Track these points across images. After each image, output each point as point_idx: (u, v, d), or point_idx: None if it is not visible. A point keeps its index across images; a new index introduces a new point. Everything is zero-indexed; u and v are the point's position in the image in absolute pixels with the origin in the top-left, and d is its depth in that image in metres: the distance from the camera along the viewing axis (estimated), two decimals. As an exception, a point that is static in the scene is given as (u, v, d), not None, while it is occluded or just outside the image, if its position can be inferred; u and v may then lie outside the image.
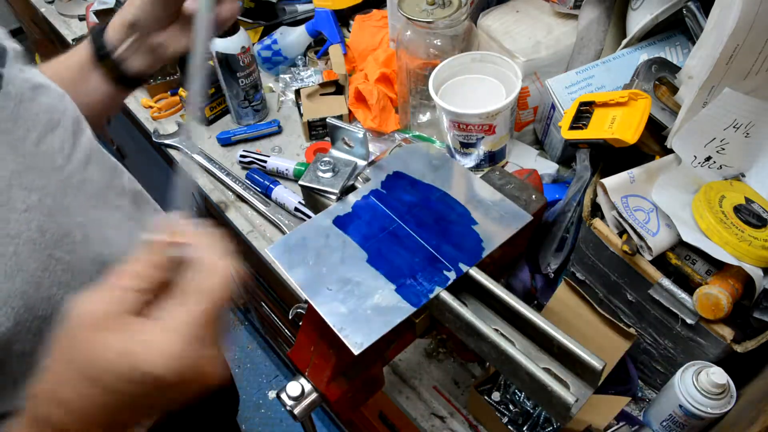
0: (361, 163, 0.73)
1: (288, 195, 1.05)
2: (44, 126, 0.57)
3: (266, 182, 1.08)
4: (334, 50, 1.23)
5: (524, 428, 0.75)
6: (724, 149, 0.70)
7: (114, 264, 0.50)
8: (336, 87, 1.20)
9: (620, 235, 0.70)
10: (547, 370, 0.54)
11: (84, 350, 0.37)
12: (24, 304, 0.50)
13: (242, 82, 1.14)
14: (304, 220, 0.97)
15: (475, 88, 0.98)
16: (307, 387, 0.63)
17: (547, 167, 1.00)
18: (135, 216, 0.69)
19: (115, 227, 0.64)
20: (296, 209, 1.04)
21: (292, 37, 1.28)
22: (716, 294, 0.61)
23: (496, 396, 0.77)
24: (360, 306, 0.57)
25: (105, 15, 1.34)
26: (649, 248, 0.66)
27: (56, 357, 0.38)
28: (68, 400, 0.37)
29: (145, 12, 0.69)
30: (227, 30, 1.08)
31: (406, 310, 0.57)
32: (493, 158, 0.99)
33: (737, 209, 0.66)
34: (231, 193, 1.12)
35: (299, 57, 1.31)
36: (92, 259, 0.59)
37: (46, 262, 0.53)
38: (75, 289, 0.56)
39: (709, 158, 0.71)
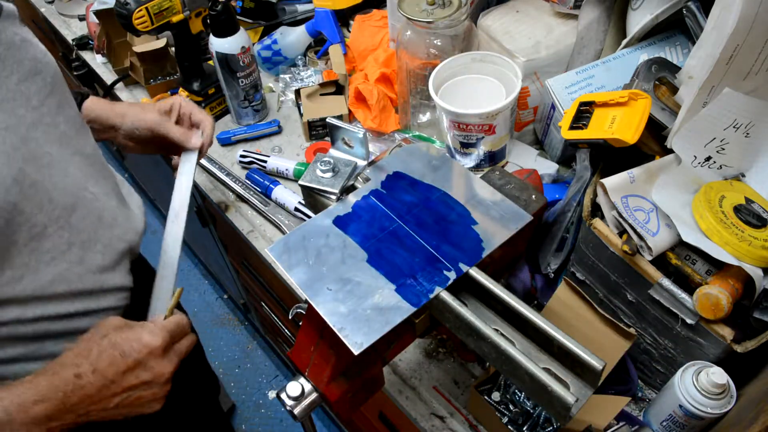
0: (361, 163, 0.73)
1: (288, 195, 1.05)
2: (27, 72, 0.65)
3: (266, 182, 1.08)
4: (334, 50, 1.23)
5: (524, 428, 0.75)
6: (724, 149, 0.70)
7: (71, 198, 0.68)
8: (336, 87, 1.20)
9: (620, 235, 0.70)
10: (547, 370, 0.54)
11: (103, 341, 0.63)
12: None
13: (242, 82, 1.14)
14: (304, 220, 0.97)
15: (475, 88, 0.98)
16: (307, 387, 0.63)
17: (547, 167, 1.00)
18: (88, 172, 0.74)
19: (76, 168, 0.71)
20: (296, 209, 1.04)
21: (292, 37, 1.28)
22: (716, 294, 0.61)
23: (496, 396, 0.77)
24: (360, 306, 0.57)
25: (105, 15, 1.34)
26: (649, 248, 0.66)
27: (88, 335, 0.64)
28: (93, 356, 0.61)
29: (128, 133, 0.89)
30: (227, 30, 1.08)
31: (406, 310, 0.57)
32: (493, 158, 0.99)
33: (737, 209, 0.66)
34: (231, 193, 1.12)
35: (299, 57, 1.31)
36: (54, 184, 0.66)
37: (17, 174, 0.60)
38: (36, 205, 0.63)
39: (709, 158, 0.71)
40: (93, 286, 0.72)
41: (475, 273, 0.60)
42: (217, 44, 1.09)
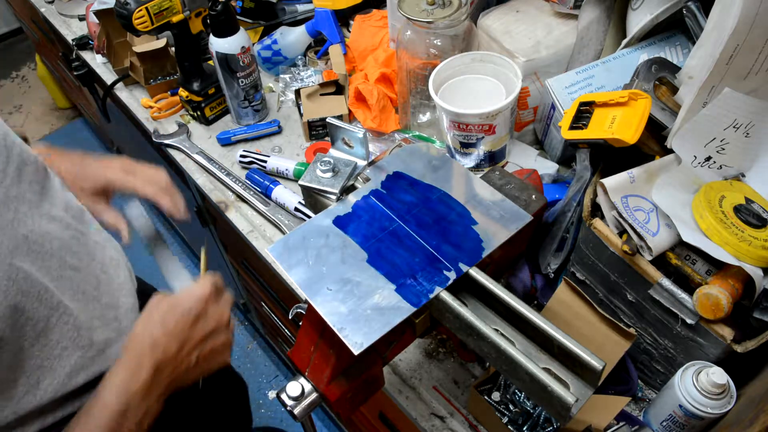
0: (361, 163, 0.73)
1: (288, 195, 1.05)
2: None
3: (266, 182, 1.08)
4: (334, 50, 1.23)
5: (524, 428, 0.75)
6: (724, 149, 0.70)
7: (60, 279, 0.62)
8: (336, 87, 1.20)
9: (620, 235, 0.70)
10: (547, 370, 0.54)
11: (160, 308, 0.65)
12: None
13: (242, 82, 1.14)
14: (304, 220, 0.97)
15: (475, 88, 0.98)
16: (307, 387, 0.63)
17: (547, 167, 1.00)
18: (72, 224, 0.69)
19: (55, 239, 0.64)
20: (296, 209, 1.04)
21: (292, 37, 1.28)
22: (716, 294, 0.61)
23: (496, 396, 0.77)
24: (360, 306, 0.57)
25: (105, 15, 1.34)
26: (649, 248, 0.66)
27: (145, 312, 0.66)
28: (158, 323, 0.64)
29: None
30: (227, 30, 1.08)
31: (406, 310, 0.57)
32: (493, 158, 0.99)
33: (737, 209, 0.66)
34: (231, 193, 1.12)
35: (299, 57, 1.31)
36: (43, 266, 0.60)
37: (9, 271, 0.55)
38: (35, 299, 0.58)
39: (709, 158, 0.71)
40: (110, 363, 0.66)
41: (475, 273, 0.60)
42: (217, 44, 1.09)
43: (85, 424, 0.59)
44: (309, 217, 1.00)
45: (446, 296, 0.58)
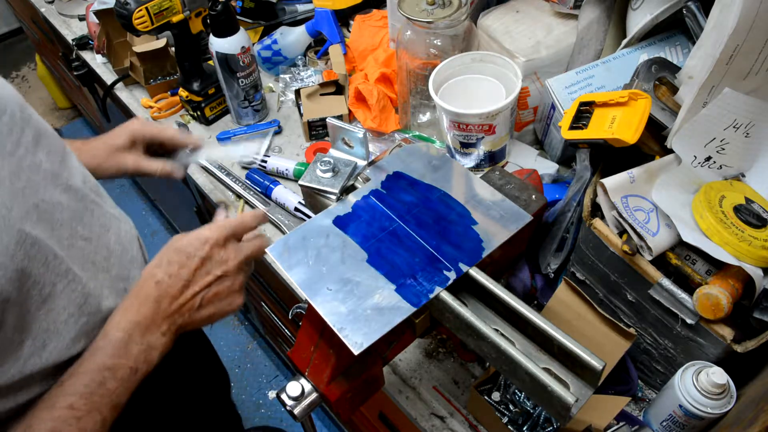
0: (361, 163, 0.73)
1: (288, 195, 1.05)
2: None
3: (266, 182, 1.08)
4: (334, 50, 1.23)
5: (524, 428, 0.75)
6: (724, 149, 0.70)
7: (70, 248, 0.64)
8: (336, 87, 1.20)
9: (620, 235, 0.70)
10: (547, 370, 0.54)
11: (169, 250, 0.67)
12: None
13: (242, 82, 1.14)
14: (304, 220, 0.97)
15: (475, 88, 0.98)
16: (307, 387, 0.63)
17: (547, 167, 1.00)
18: (80, 207, 0.70)
19: (66, 209, 0.66)
20: (296, 209, 1.04)
21: (292, 37, 1.28)
22: (716, 294, 0.61)
23: (496, 396, 0.77)
24: (360, 306, 0.57)
25: (105, 15, 1.34)
26: (649, 248, 0.66)
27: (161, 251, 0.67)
28: (164, 265, 0.65)
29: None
30: (227, 30, 1.08)
31: (406, 310, 0.57)
32: (493, 158, 0.99)
33: (737, 209, 0.66)
34: (231, 193, 1.12)
35: (299, 57, 1.31)
36: (53, 235, 0.62)
37: (18, 236, 0.56)
38: (42, 264, 0.59)
39: (709, 158, 0.71)
40: None
41: (475, 273, 0.60)
42: (217, 44, 1.09)
43: (92, 351, 0.62)
44: (309, 217, 1.00)
45: (446, 296, 0.58)
